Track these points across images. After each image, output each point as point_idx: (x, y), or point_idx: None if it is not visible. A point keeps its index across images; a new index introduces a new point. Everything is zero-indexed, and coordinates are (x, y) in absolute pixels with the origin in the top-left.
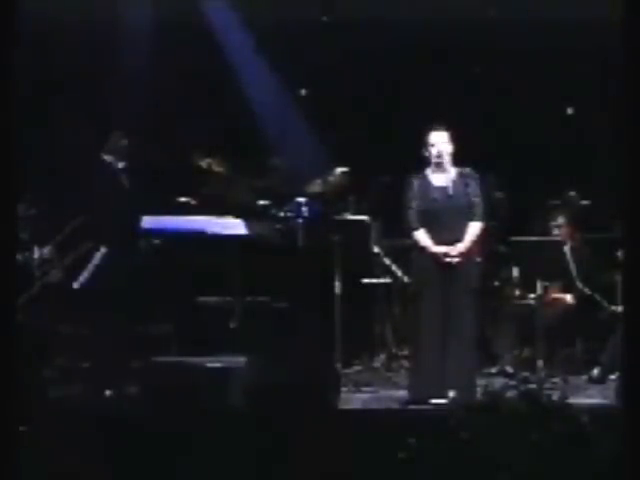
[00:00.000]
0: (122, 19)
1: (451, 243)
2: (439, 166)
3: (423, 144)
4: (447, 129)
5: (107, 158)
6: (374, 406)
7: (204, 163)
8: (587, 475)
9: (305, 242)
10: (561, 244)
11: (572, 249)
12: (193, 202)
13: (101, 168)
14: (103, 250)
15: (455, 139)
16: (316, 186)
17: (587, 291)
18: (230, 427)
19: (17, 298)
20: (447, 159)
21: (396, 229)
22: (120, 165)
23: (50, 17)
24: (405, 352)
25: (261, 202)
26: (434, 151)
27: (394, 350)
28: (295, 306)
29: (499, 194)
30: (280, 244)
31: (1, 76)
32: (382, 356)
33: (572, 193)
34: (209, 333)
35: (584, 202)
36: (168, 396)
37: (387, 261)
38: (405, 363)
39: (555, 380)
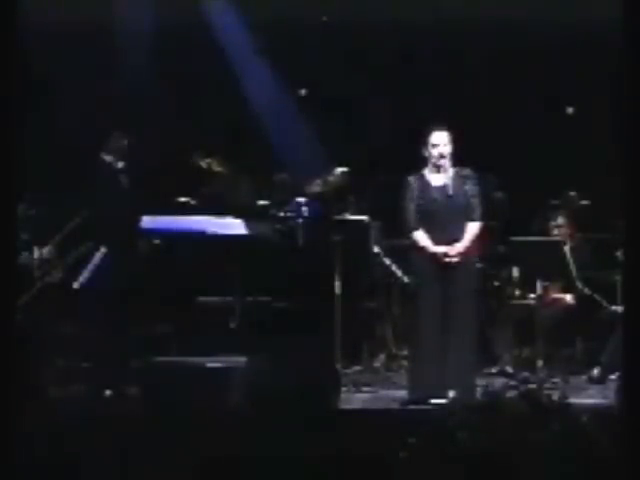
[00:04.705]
0: (122, 19)
1: (450, 243)
2: (439, 166)
3: (424, 144)
4: (447, 129)
5: (107, 158)
6: (374, 406)
7: (204, 163)
8: (587, 475)
9: (305, 242)
10: (561, 244)
11: (572, 249)
12: (193, 202)
13: (101, 168)
14: (103, 250)
15: (455, 139)
16: (316, 186)
17: (587, 291)
18: (230, 427)
19: (17, 298)
20: (448, 159)
21: (396, 229)
22: (120, 165)
23: (50, 17)
24: (405, 352)
25: (261, 202)
26: (436, 152)
27: (394, 350)
28: (295, 306)
29: (499, 194)
30: (280, 244)
31: (1, 76)
32: (382, 356)
33: (572, 193)
34: (209, 333)
35: (584, 202)
36: (168, 396)
37: (387, 261)
38: (405, 363)
39: (555, 380)
